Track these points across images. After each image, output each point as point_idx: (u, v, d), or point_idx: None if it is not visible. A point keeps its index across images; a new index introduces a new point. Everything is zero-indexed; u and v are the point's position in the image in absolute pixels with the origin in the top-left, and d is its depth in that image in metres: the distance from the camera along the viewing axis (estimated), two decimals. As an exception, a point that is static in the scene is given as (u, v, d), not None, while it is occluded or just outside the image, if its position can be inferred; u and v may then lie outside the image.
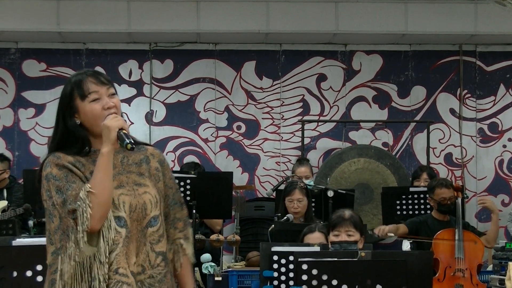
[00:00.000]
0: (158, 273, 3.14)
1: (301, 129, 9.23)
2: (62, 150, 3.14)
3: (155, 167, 3.25)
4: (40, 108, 9.23)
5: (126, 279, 3.06)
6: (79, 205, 2.99)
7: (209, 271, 6.70)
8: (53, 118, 3.21)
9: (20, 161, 9.09)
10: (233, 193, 7.56)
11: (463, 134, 9.52)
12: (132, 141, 3.02)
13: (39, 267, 4.02)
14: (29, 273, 4.03)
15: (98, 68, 9.05)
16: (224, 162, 9.39)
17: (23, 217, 7.55)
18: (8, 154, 8.78)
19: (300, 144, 9.27)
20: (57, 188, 3.04)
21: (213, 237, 7.40)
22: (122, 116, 3.17)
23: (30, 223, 7.07)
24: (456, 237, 6.47)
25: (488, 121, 9.56)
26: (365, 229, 6.50)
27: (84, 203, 2.98)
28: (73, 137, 3.15)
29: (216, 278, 6.60)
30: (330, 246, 4.86)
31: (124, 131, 3.03)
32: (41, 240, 4.03)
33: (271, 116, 9.47)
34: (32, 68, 9.30)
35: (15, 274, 4.06)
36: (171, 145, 9.34)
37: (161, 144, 9.20)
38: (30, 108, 9.24)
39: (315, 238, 5.30)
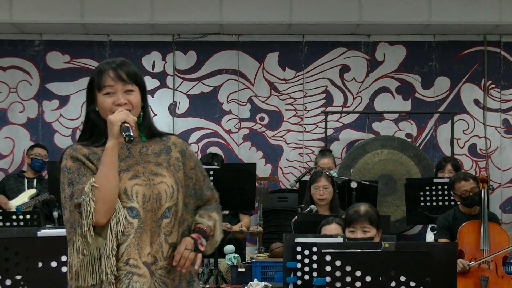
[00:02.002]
0: (168, 264, 3.15)
1: (324, 120, 9.21)
2: (83, 139, 3.20)
3: (175, 157, 3.25)
4: (64, 100, 9.27)
5: (137, 270, 3.07)
6: (83, 199, 3.02)
7: (232, 262, 6.71)
8: (77, 109, 3.26)
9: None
10: (256, 184, 7.57)
11: (488, 125, 9.46)
12: (131, 134, 3.02)
13: (63, 258, 4.03)
14: (54, 264, 4.05)
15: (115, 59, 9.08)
16: (247, 153, 9.39)
17: (48, 208, 7.62)
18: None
19: (323, 135, 9.25)
20: (69, 181, 3.10)
21: (236, 228, 7.41)
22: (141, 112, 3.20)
23: (55, 214, 7.12)
24: (482, 229, 6.43)
25: (512, 112, 9.50)
26: (388, 220, 6.50)
27: (88, 197, 3.02)
28: (92, 124, 3.20)
29: (240, 269, 6.60)
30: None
31: (126, 124, 3.05)
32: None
33: (294, 107, 9.45)
34: (56, 60, 9.34)
35: (40, 264, 4.08)
36: (194, 136, 9.36)
37: (184, 136, 9.22)
38: (54, 100, 9.29)
39: (332, 229, 5.34)
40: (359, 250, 3.92)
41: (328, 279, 3.83)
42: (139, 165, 3.18)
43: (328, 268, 3.83)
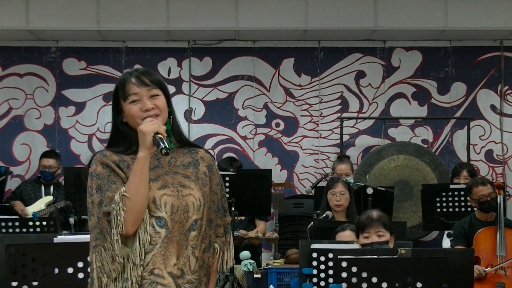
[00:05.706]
0: (195, 279, 3.12)
1: (339, 126, 9.20)
2: (112, 146, 3.18)
3: (203, 171, 3.23)
4: (80, 106, 9.30)
5: (162, 280, 3.05)
6: (113, 208, 3.01)
7: (248, 268, 6.71)
8: (93, 116, 3.26)
9: (61, 159, 9.16)
10: (272, 190, 7.56)
11: (504, 131, 9.42)
12: (167, 146, 3.00)
13: (80, 264, 4.06)
14: (70, 270, 4.07)
15: (137, 67, 9.11)
16: (262, 159, 9.39)
17: (64, 214, 7.65)
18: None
19: (339, 141, 9.24)
20: (98, 187, 3.07)
21: (252, 234, 7.41)
22: (170, 114, 3.20)
23: (71, 220, 7.14)
24: (498, 235, 6.40)
25: (529, 118, 9.46)
26: (404, 227, 6.48)
27: (118, 207, 3.00)
28: (122, 134, 3.18)
29: (255, 276, 6.61)
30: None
31: (159, 135, 3.02)
32: (82, 237, 4.08)
33: (310, 113, 9.45)
34: (73, 67, 9.38)
35: (56, 270, 4.10)
36: (210, 142, 9.37)
37: (200, 142, 9.23)
38: (71, 106, 9.33)
39: (346, 236, 5.34)
40: (376, 256, 3.91)
41: (344, 285, 3.82)
42: (168, 175, 3.16)
43: (344, 274, 3.82)
